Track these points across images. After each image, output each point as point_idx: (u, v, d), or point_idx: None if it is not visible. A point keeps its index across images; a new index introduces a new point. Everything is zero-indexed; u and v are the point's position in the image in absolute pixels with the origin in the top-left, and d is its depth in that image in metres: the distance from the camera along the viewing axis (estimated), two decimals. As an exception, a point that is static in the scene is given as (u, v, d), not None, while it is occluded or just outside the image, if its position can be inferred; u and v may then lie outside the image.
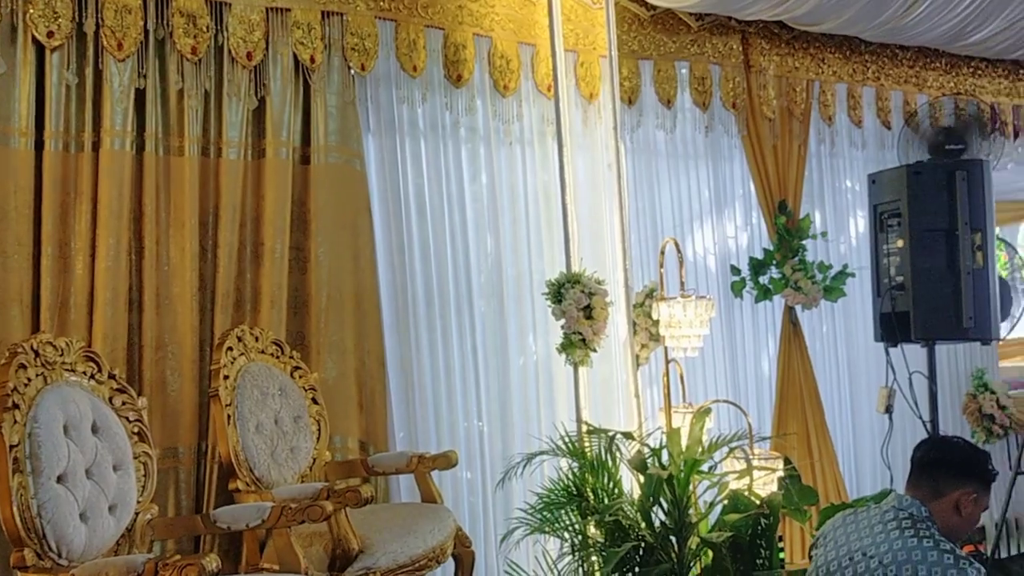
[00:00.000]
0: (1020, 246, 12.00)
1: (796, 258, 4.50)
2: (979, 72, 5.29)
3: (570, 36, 3.99)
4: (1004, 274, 5.46)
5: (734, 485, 3.45)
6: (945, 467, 2.47)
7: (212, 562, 2.18)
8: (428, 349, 3.74)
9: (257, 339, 3.12)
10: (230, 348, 2.99)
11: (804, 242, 4.54)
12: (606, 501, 3.46)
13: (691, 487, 3.44)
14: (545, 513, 3.46)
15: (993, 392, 5.40)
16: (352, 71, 3.52)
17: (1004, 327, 8.43)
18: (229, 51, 3.26)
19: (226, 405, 2.90)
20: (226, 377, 2.93)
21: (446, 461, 3.25)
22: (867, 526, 2.46)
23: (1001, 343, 9.50)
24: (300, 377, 3.23)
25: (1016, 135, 5.53)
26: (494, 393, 3.88)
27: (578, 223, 3.88)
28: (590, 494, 3.52)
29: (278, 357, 3.19)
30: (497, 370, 3.88)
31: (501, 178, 3.94)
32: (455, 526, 3.14)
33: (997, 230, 12.47)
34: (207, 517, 2.70)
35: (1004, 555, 5.16)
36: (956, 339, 3.90)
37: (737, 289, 4.50)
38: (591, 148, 4.13)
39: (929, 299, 3.69)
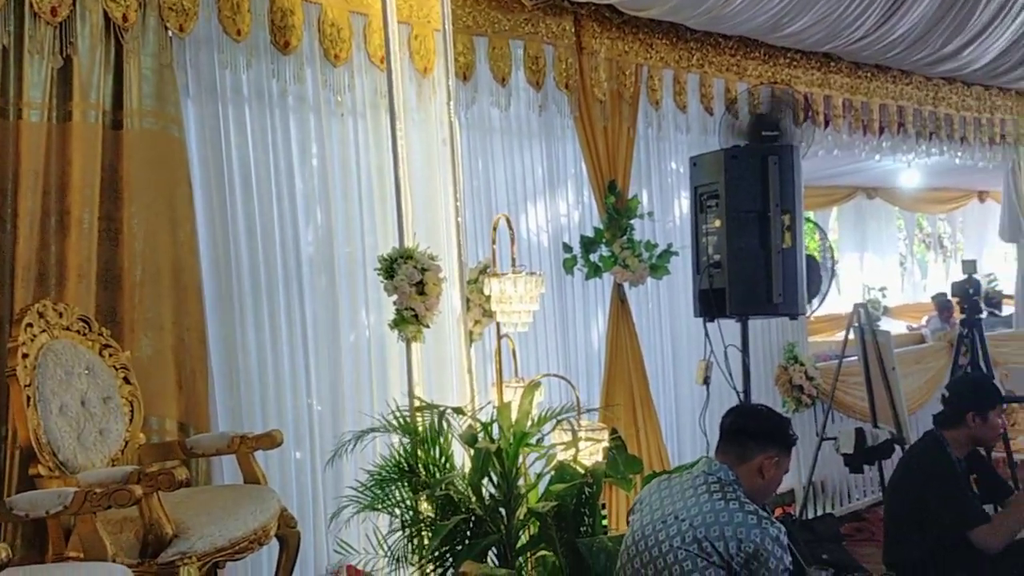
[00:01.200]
0: (831, 230, 12.95)
1: (624, 237, 4.64)
2: (795, 63, 5.61)
3: (404, 7, 3.92)
4: (816, 256, 5.86)
5: (561, 456, 3.55)
6: (750, 433, 2.62)
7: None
8: (254, 326, 3.61)
9: (61, 315, 2.91)
10: (30, 325, 2.77)
11: (632, 221, 4.68)
12: (437, 476, 3.47)
13: (520, 460, 3.51)
14: (376, 490, 3.44)
15: (802, 364, 5.79)
16: (170, 32, 3.32)
17: (816, 304, 9.04)
18: (31, 5, 3.01)
19: (25, 386, 2.68)
20: (25, 356, 2.71)
21: (270, 441, 3.15)
22: (679, 491, 2.58)
23: (813, 320, 10.25)
24: (110, 356, 3.04)
25: (827, 124, 5.92)
26: (324, 371, 3.80)
27: (412, 198, 3.84)
28: (422, 470, 3.53)
29: (85, 334, 2.99)
30: (328, 347, 3.80)
31: (332, 150, 3.84)
32: (279, 507, 3.06)
33: (811, 214, 13.36)
34: (2, 504, 2.51)
35: (811, 516, 5.56)
36: (767, 314, 4.13)
37: (568, 266, 4.60)
38: (426, 123, 4.09)
39: (743, 277, 3.88)
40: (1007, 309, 9.56)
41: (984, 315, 10.00)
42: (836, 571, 3.11)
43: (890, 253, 12.94)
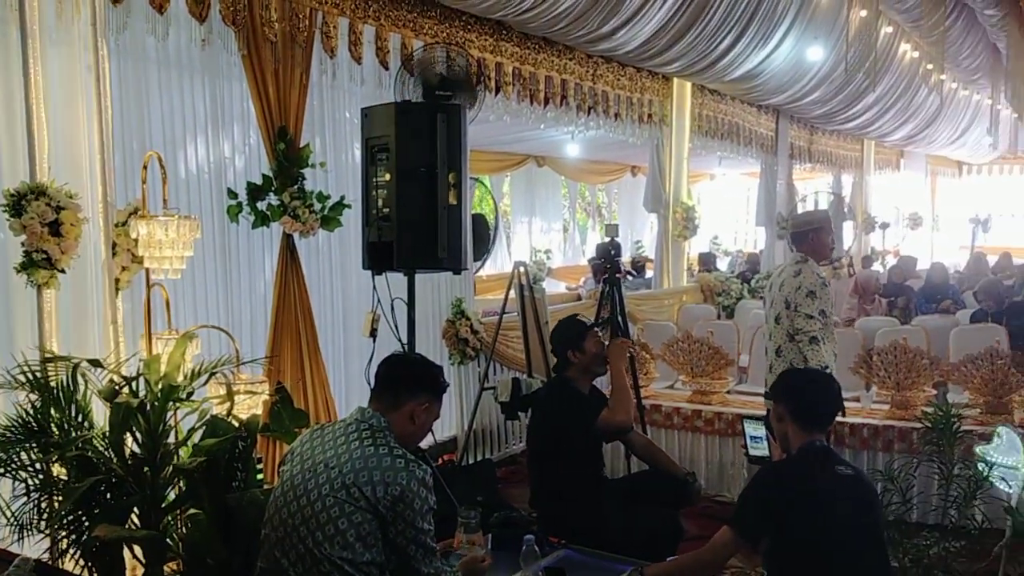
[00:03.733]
0: (505, 193, 13.67)
1: (295, 186, 4.52)
2: (469, 27, 5.77)
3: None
4: (490, 217, 6.14)
5: (218, 411, 3.39)
6: (402, 381, 2.67)
7: None
8: None
9: None
10: None
11: (304, 171, 4.57)
12: (73, 435, 3.16)
13: (171, 415, 3.30)
14: (-1, 453, 3.06)
15: (468, 319, 6.06)
16: None
17: (483, 262, 9.45)
18: None
19: None
20: None
21: None
22: (331, 439, 2.58)
23: (486, 278, 10.76)
24: None
25: (498, 90, 6.17)
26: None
27: (47, 127, 3.42)
28: (55, 429, 3.19)
29: None
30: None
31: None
32: None
33: (487, 178, 13.80)
34: None
35: (471, 461, 5.86)
36: (432, 268, 4.23)
37: (233, 213, 4.39)
38: (67, 44, 3.64)
39: (410, 231, 3.91)
40: (650, 272, 10.74)
41: (631, 276, 11.15)
42: (485, 511, 3.29)
43: (555, 219, 13.95)
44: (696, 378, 5.95)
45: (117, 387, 3.15)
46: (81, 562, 3.01)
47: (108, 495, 3.12)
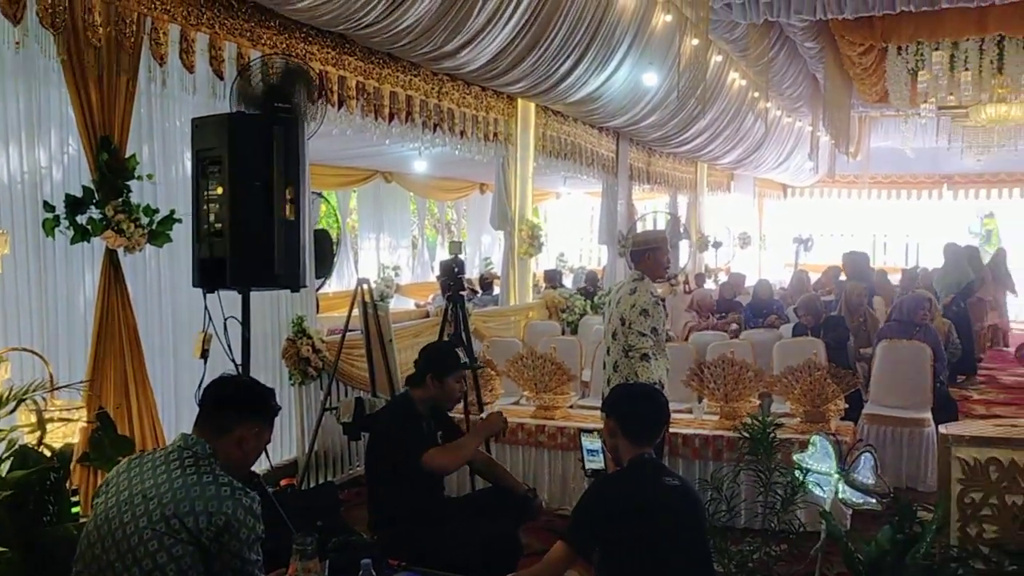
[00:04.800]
0: (352, 209, 13.48)
1: (120, 199, 4.27)
2: (311, 39, 5.65)
3: None
4: (332, 233, 6.03)
5: (27, 439, 3.15)
6: (230, 405, 2.56)
7: None
8: None
9: None
10: None
11: (130, 183, 4.32)
12: None
13: (-29, 446, 3.04)
14: None
15: (310, 337, 5.91)
16: None
17: (327, 279, 9.26)
18: None
19: None
20: None
21: None
22: (151, 469, 2.44)
23: (332, 295, 10.55)
24: None
25: (341, 104, 6.07)
26: None
27: None
28: None
29: None
30: None
31: None
32: None
33: (333, 193, 13.55)
34: None
35: (313, 485, 5.70)
36: (267, 286, 4.09)
37: (49, 228, 4.09)
38: None
39: (244, 247, 3.77)
40: (498, 289, 10.83)
41: (476, 293, 11.23)
42: (324, 536, 3.19)
43: (404, 235, 13.89)
44: (540, 394, 6.04)
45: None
46: None
47: None
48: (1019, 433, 3.63)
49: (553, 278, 11.38)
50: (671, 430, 5.17)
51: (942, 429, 3.72)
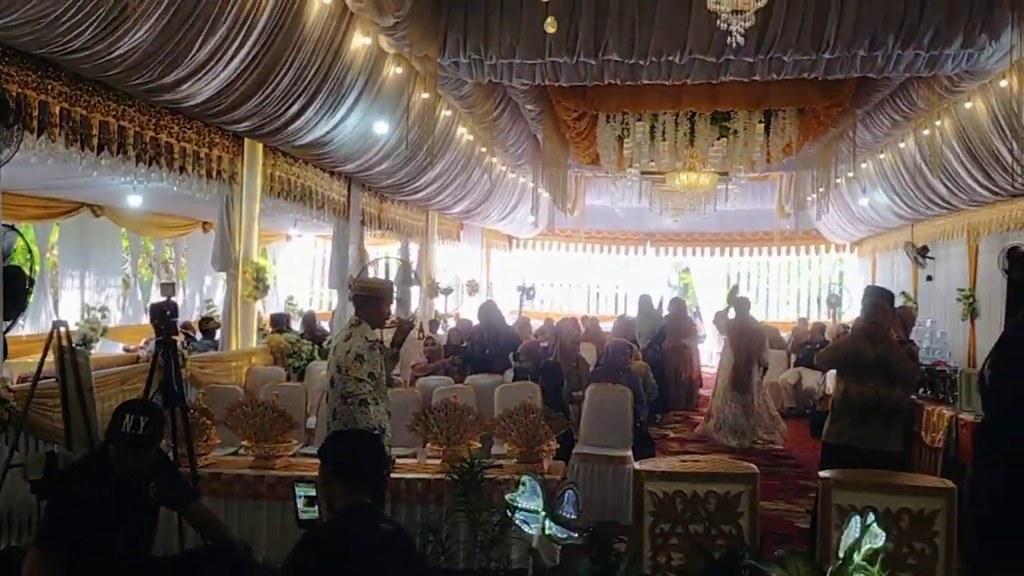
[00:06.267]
0: (53, 244, 12.29)
1: None
2: (8, 58, 5.15)
3: None
4: (25, 269, 5.44)
5: None
6: None
7: None
8: None
9: None
10: None
11: None
12: None
13: None
14: None
15: (-11, 386, 5.30)
16: None
17: (32, 324, 8.38)
18: None
19: None
20: None
21: None
22: None
23: (25, 339, 9.50)
24: None
25: (42, 131, 5.57)
26: None
27: None
28: None
29: None
30: None
31: None
32: None
33: (31, 226, 12.33)
34: None
35: (-5, 551, 5.08)
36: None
37: None
38: None
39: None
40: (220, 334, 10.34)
41: (192, 338, 10.67)
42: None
43: (114, 274, 12.85)
44: (259, 443, 5.83)
45: None
46: None
47: None
48: (701, 468, 4.06)
49: (280, 322, 11.07)
50: (394, 475, 5.21)
51: (637, 465, 4.06)
